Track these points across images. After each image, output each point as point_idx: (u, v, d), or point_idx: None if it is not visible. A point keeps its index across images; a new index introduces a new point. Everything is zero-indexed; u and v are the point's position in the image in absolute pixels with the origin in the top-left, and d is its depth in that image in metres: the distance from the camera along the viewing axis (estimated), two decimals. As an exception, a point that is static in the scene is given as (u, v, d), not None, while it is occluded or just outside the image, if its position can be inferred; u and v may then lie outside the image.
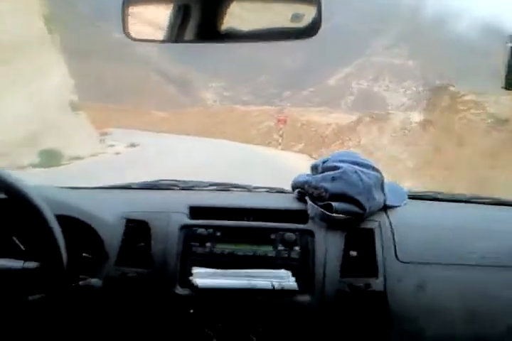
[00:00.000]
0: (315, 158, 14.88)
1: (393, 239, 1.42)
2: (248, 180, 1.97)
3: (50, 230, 1.10)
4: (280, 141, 24.38)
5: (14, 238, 1.22)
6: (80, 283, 1.28)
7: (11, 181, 1.09)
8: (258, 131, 28.33)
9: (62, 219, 1.18)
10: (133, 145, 22.60)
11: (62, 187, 1.69)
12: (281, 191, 1.72)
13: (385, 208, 1.52)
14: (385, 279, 1.36)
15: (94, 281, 1.30)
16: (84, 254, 1.40)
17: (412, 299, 1.34)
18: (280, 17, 0.99)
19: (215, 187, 1.76)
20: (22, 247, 1.27)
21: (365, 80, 57.59)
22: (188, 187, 1.76)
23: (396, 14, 60.04)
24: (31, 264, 1.15)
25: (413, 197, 1.67)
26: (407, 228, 1.47)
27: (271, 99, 53.26)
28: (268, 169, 12.36)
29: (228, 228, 1.44)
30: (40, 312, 1.12)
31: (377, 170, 1.52)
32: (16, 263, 1.15)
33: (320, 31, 0.93)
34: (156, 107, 45.99)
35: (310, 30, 0.96)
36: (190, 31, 0.99)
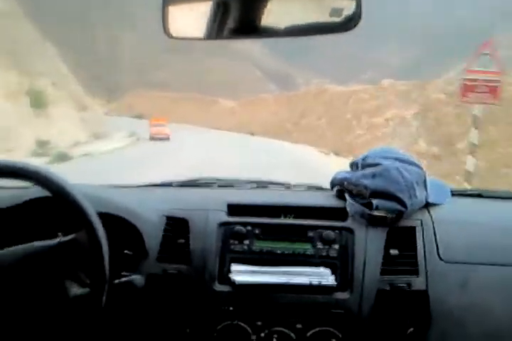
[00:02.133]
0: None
1: (435, 237, 1.39)
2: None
3: (92, 227, 1.12)
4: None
5: (59, 234, 1.25)
6: (122, 279, 1.30)
7: (55, 179, 1.12)
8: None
9: (104, 216, 1.20)
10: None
11: (104, 186, 1.73)
12: (320, 188, 1.71)
13: (427, 206, 1.49)
14: (426, 278, 1.33)
15: (136, 278, 1.32)
16: (125, 251, 1.42)
17: (454, 298, 1.31)
18: (319, 11, 0.98)
19: (253, 185, 1.77)
20: None
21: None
22: (226, 184, 1.77)
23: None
24: (67, 238, 1.17)
25: (456, 194, 1.63)
26: (449, 226, 1.43)
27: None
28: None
29: (266, 225, 1.44)
30: (82, 308, 1.14)
31: (419, 167, 1.49)
32: (52, 241, 1.17)
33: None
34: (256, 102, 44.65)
35: (348, 24, 0.95)
36: (229, 27, 0.99)
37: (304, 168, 13.74)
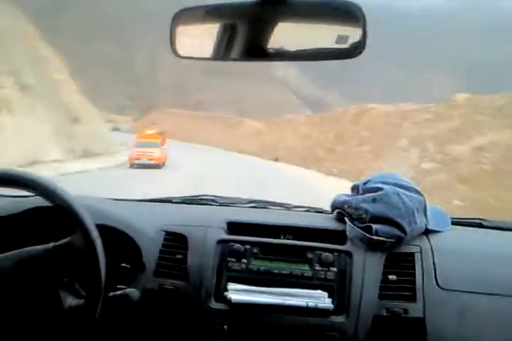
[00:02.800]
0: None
1: (434, 264, 1.38)
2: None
3: (90, 238, 1.13)
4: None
5: (53, 243, 1.26)
6: (118, 292, 1.30)
7: (57, 190, 1.13)
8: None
9: (103, 228, 1.21)
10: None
11: (104, 199, 1.74)
12: (320, 211, 1.71)
13: (427, 233, 1.48)
14: (424, 305, 1.32)
15: (132, 291, 1.32)
16: (122, 264, 1.43)
17: (452, 327, 1.30)
18: (325, 37, 1.00)
19: (253, 204, 1.77)
20: None
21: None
22: (226, 203, 1.78)
23: None
24: (62, 242, 1.17)
25: (457, 222, 1.62)
26: (449, 254, 1.43)
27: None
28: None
29: (265, 245, 1.44)
30: (76, 319, 1.14)
31: (420, 194, 1.49)
32: (47, 245, 1.17)
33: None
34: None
35: (353, 52, 0.97)
36: (236, 49, 1.01)
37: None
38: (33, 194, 1.17)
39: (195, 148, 35.71)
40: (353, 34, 0.96)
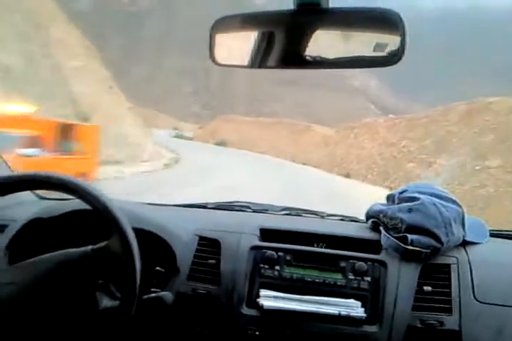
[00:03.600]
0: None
1: (471, 276, 1.35)
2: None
3: (127, 242, 1.15)
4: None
5: (92, 246, 1.29)
6: (152, 295, 1.32)
7: (96, 194, 1.16)
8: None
9: (139, 232, 1.23)
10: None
11: (141, 203, 1.78)
12: (355, 220, 1.70)
13: (465, 244, 1.45)
14: (460, 318, 1.29)
15: (165, 294, 1.34)
16: (157, 268, 1.45)
17: None
18: (363, 45, 1.00)
19: (287, 212, 1.77)
20: None
21: None
22: (260, 210, 1.78)
23: None
24: (99, 245, 1.18)
25: (496, 235, 1.59)
26: (486, 266, 1.39)
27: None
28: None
29: (298, 252, 1.44)
30: (111, 320, 1.16)
31: (457, 204, 1.46)
32: (85, 248, 1.19)
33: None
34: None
35: (391, 59, 0.96)
36: (273, 57, 1.02)
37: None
38: (74, 197, 1.20)
39: (249, 157, 32.17)
40: (392, 42, 0.96)
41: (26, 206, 1.62)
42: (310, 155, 33.61)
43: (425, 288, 1.35)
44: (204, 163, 21.40)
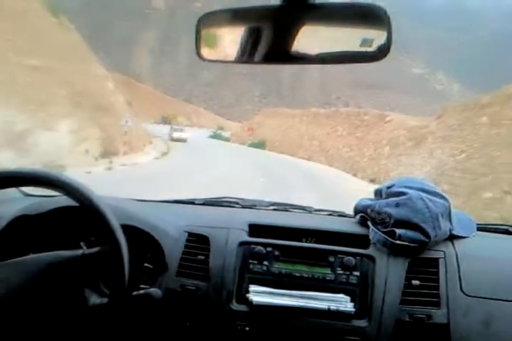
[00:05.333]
0: None
1: (458, 270, 1.37)
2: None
3: (115, 239, 1.14)
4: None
5: (82, 243, 1.28)
6: (141, 292, 1.32)
7: (83, 190, 1.15)
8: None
9: (127, 228, 1.22)
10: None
11: (128, 199, 1.77)
12: (343, 215, 1.70)
13: (452, 238, 1.46)
14: (448, 311, 1.31)
15: (154, 291, 1.33)
16: (145, 264, 1.44)
17: (477, 335, 1.28)
18: (350, 40, 1.00)
19: (275, 207, 1.77)
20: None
21: None
22: (249, 205, 1.78)
23: None
24: (91, 251, 1.18)
25: (483, 228, 1.60)
26: (473, 260, 1.41)
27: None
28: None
29: (287, 247, 1.44)
30: (100, 317, 1.16)
31: (444, 198, 1.47)
32: (76, 252, 1.19)
33: None
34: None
35: (378, 54, 0.96)
36: (260, 52, 1.01)
37: None
38: (60, 194, 1.19)
39: (284, 168, 20.55)
40: (378, 37, 0.95)
41: (12, 203, 1.61)
42: (383, 163, 20.69)
43: (413, 282, 1.36)
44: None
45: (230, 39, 1.05)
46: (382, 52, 0.96)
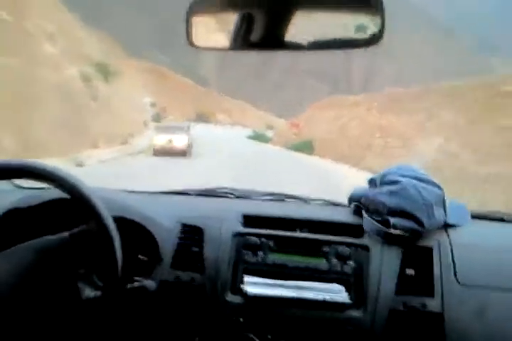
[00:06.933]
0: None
1: (453, 259, 1.37)
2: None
3: (107, 231, 1.13)
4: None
5: (69, 232, 1.27)
6: (135, 284, 1.31)
7: (74, 182, 1.14)
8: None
9: (119, 220, 1.21)
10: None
11: (121, 190, 1.75)
12: (337, 204, 1.70)
13: (446, 227, 1.46)
14: (442, 300, 1.31)
15: (149, 283, 1.33)
16: (139, 256, 1.43)
17: (471, 323, 1.28)
18: (344, 27, 0.99)
19: (270, 197, 1.77)
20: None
21: None
22: (243, 195, 1.77)
23: None
24: (77, 229, 1.18)
25: (476, 216, 1.60)
26: (468, 249, 1.41)
27: None
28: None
29: (281, 238, 1.43)
30: (94, 310, 1.15)
31: (438, 187, 1.47)
32: (63, 234, 1.18)
33: None
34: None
35: (372, 40, 0.96)
36: (253, 39, 1.00)
37: None
38: (51, 186, 1.17)
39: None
40: (372, 23, 0.95)
41: (2, 196, 1.59)
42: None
43: (408, 271, 1.36)
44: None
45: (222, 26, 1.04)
46: (376, 38, 0.96)
